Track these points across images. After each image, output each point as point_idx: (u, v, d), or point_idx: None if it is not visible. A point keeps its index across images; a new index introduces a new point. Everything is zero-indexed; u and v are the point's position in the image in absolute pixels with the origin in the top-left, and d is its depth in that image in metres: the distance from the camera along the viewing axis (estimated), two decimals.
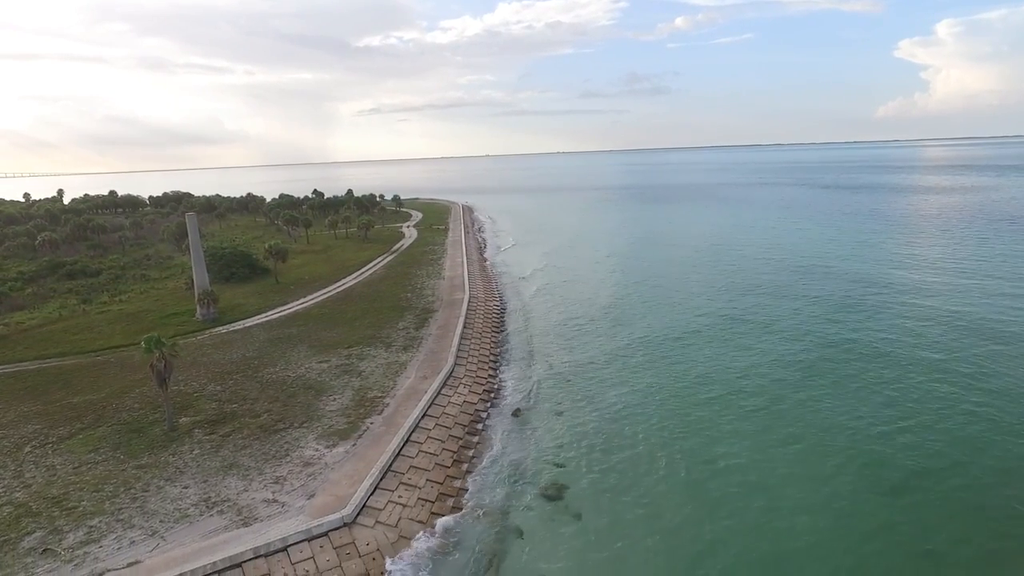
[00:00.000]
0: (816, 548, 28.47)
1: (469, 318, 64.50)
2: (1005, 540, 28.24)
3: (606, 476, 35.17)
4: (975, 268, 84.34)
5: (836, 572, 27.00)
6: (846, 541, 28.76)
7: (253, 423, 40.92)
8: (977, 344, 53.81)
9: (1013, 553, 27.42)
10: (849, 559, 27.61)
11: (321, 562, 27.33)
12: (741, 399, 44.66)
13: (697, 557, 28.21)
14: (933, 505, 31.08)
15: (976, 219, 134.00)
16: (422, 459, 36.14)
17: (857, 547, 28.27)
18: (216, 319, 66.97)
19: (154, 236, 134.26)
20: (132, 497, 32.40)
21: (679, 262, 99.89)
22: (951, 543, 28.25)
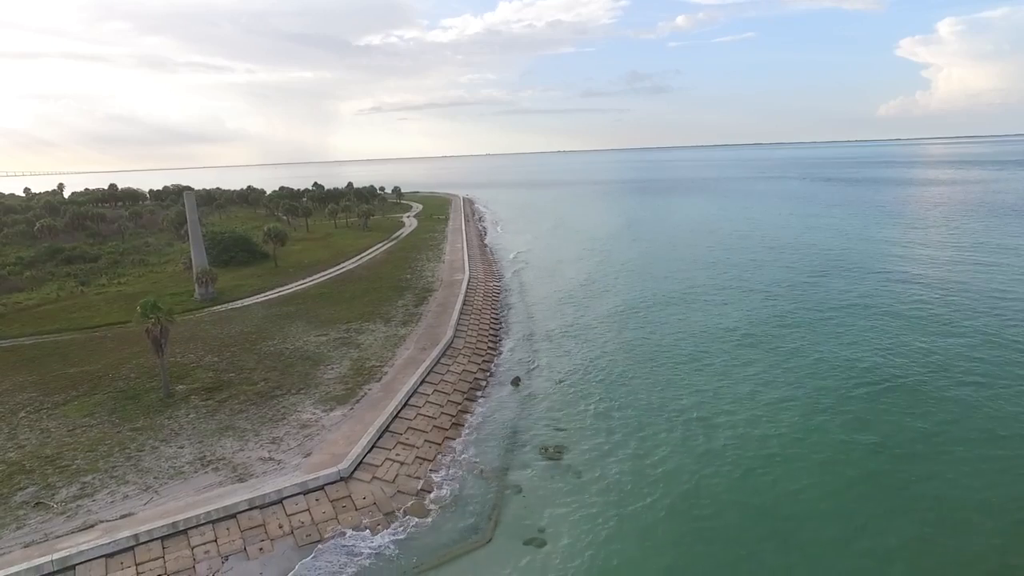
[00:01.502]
0: (808, 496, 28.37)
1: (469, 296, 64.08)
2: (992, 491, 27.86)
3: (606, 437, 34.74)
4: (973, 244, 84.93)
5: (823, 515, 26.97)
6: (834, 488, 29.10)
7: (250, 390, 40.53)
8: (977, 311, 54.63)
9: (1000, 504, 26.99)
10: (835, 503, 27.81)
11: (317, 514, 26.93)
12: (737, 363, 45.47)
13: (696, 509, 27.79)
14: (916, 457, 30.89)
15: (976, 206, 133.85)
16: (420, 421, 35.72)
17: (843, 492, 28.71)
18: (214, 298, 66.58)
19: (154, 226, 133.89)
20: (126, 456, 32.03)
21: (677, 244, 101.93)
22: (936, 492, 27.90)
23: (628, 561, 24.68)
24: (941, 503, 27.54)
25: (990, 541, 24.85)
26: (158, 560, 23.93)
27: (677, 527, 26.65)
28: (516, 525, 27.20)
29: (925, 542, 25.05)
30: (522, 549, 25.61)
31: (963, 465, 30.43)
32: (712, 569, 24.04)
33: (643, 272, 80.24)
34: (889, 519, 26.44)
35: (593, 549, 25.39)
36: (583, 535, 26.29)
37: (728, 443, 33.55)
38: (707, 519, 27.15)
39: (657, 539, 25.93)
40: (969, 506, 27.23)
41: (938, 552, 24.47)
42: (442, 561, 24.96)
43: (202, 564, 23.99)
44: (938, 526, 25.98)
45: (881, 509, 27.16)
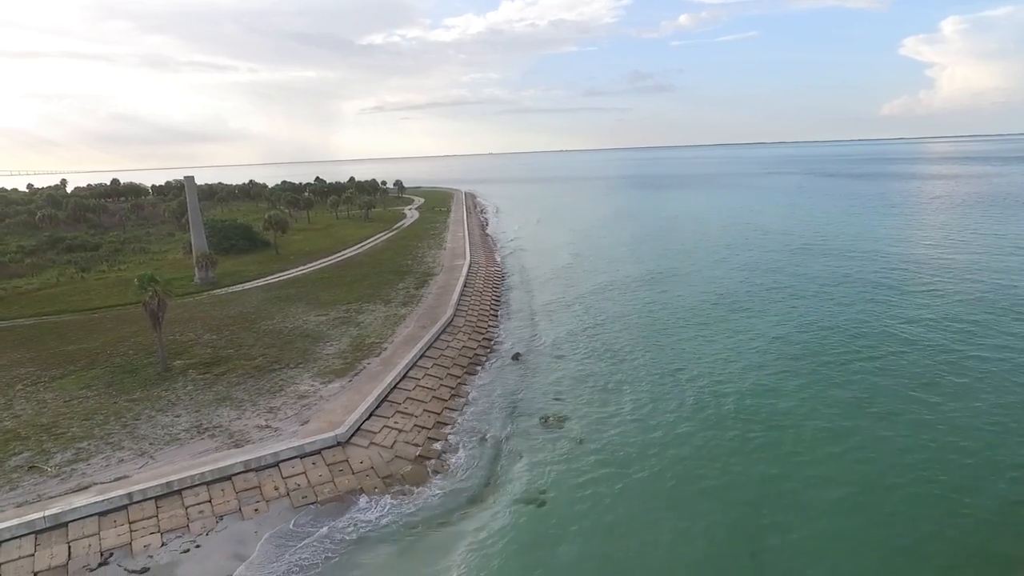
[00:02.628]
0: (810, 461, 27.96)
1: (469, 280, 63.70)
2: (994, 452, 27.33)
3: (607, 408, 34.34)
4: (976, 238, 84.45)
5: (825, 480, 26.57)
6: (836, 452, 28.74)
7: (248, 364, 40.18)
8: (985, 304, 53.34)
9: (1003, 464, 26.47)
10: (837, 467, 27.44)
11: (313, 477, 26.55)
12: (737, 335, 45.92)
13: (698, 473, 27.36)
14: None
15: (980, 198, 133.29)
16: (419, 392, 35.33)
17: (845, 455, 28.25)
18: (214, 283, 66.31)
19: (155, 218, 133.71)
20: (122, 424, 31.70)
21: (676, 232, 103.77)
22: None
23: (628, 521, 24.26)
24: (944, 466, 27.05)
25: (991, 502, 24.37)
26: (152, 519, 23.57)
27: (678, 491, 26.22)
28: (516, 488, 26.79)
29: (928, 501, 24.57)
30: (522, 510, 25.21)
31: (967, 431, 29.96)
32: (712, 530, 23.57)
33: (642, 255, 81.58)
34: (891, 481, 25.99)
35: (594, 510, 24.98)
36: (584, 498, 25.88)
37: (730, 411, 33.14)
38: (708, 483, 26.71)
39: (658, 501, 25.51)
40: (972, 466, 26.75)
41: (941, 509, 24.00)
42: (441, 522, 24.56)
43: (196, 523, 23.63)
44: (938, 486, 25.51)
45: (884, 472, 26.68)
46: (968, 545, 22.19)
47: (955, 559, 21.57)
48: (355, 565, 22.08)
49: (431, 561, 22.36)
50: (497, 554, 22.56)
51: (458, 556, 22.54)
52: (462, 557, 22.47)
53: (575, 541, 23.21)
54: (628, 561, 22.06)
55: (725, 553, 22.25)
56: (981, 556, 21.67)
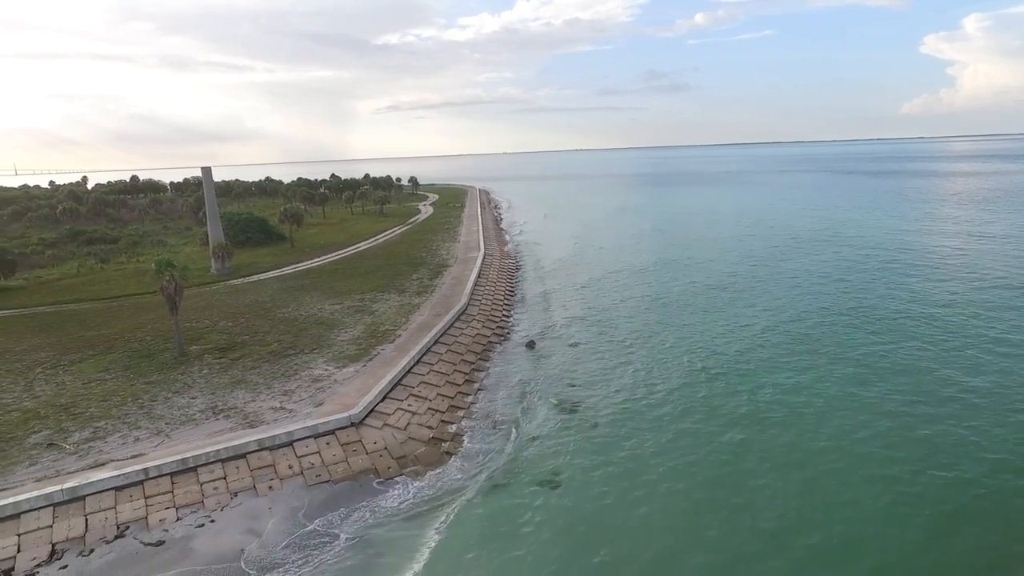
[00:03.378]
0: (824, 443, 27.48)
1: (484, 271, 63.59)
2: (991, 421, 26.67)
3: (621, 393, 34.02)
4: (996, 231, 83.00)
5: (840, 460, 26.10)
6: (848, 433, 28.34)
7: (263, 350, 40.37)
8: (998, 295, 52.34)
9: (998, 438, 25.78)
10: (850, 448, 26.83)
11: (327, 456, 26.54)
12: (751, 321, 45.88)
13: (712, 457, 26.99)
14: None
15: (1001, 193, 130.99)
16: (433, 377, 35.25)
17: (857, 435, 27.74)
18: (230, 273, 66.82)
19: (173, 213, 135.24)
20: (139, 406, 31.95)
21: (689, 227, 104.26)
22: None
23: (641, 502, 23.93)
24: (947, 441, 26.48)
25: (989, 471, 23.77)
26: (167, 494, 23.69)
27: (692, 473, 25.87)
28: (530, 470, 26.59)
29: (934, 478, 24.01)
30: (536, 491, 25.01)
31: (971, 411, 29.43)
32: (724, 512, 23.15)
33: (655, 246, 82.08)
34: (904, 462, 25.46)
35: (607, 492, 24.70)
36: (597, 479, 25.61)
37: (743, 396, 32.72)
38: (722, 466, 26.37)
39: (671, 484, 25.15)
40: (975, 443, 26.13)
41: (942, 483, 23.43)
42: (455, 502, 24.41)
43: (211, 499, 23.70)
44: (941, 457, 24.96)
45: (902, 457, 26.07)
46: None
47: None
48: (369, 542, 21.99)
49: (445, 540, 22.22)
50: (510, 534, 22.37)
51: (472, 536, 22.38)
52: (476, 537, 22.31)
53: (589, 522, 22.94)
54: (642, 543, 21.74)
55: (742, 534, 21.84)
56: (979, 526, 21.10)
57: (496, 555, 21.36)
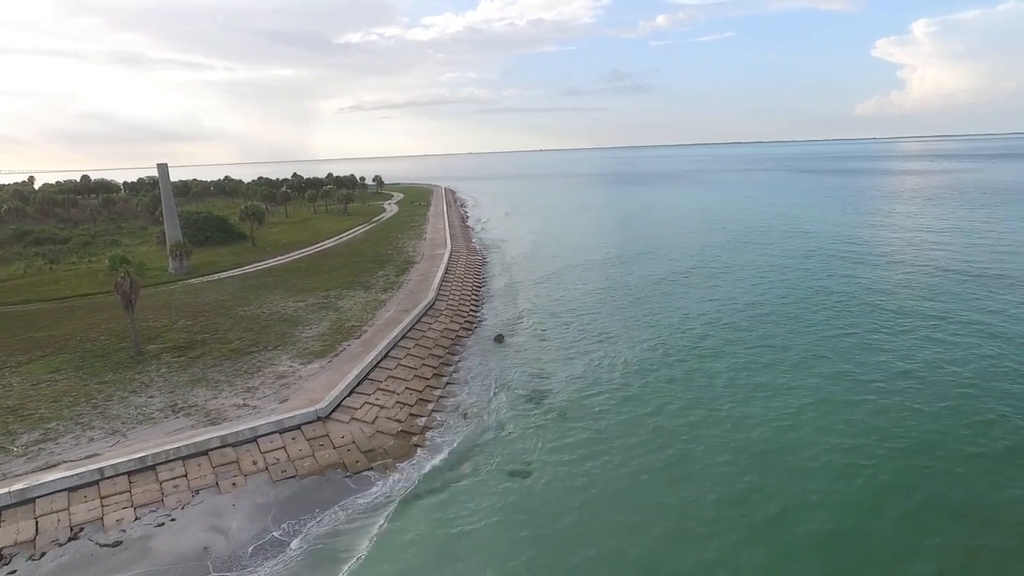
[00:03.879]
0: (792, 430, 27.96)
1: (450, 267, 63.22)
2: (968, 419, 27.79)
3: (591, 384, 34.17)
4: (943, 225, 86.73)
5: (808, 447, 26.61)
6: (816, 421, 28.92)
7: (224, 348, 39.26)
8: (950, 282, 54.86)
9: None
10: (820, 436, 27.24)
11: (293, 452, 25.94)
12: (708, 315, 46.90)
13: (679, 443, 27.30)
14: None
15: (947, 190, 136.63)
16: (401, 371, 34.82)
17: (827, 422, 28.23)
18: (189, 272, 64.89)
19: (128, 213, 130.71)
20: (93, 406, 30.69)
21: (651, 222, 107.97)
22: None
23: (612, 490, 24.05)
24: (892, 412, 27.45)
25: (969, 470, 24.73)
26: (124, 494, 22.79)
27: (661, 460, 26.09)
28: (500, 460, 26.48)
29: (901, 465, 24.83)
30: (506, 480, 24.91)
31: (914, 383, 30.86)
32: (691, 496, 23.40)
33: (622, 247, 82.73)
34: (875, 452, 26.13)
35: (578, 479, 24.75)
36: (568, 467, 25.65)
37: (710, 386, 33.24)
38: (686, 444, 26.97)
39: (641, 471, 25.31)
40: (917, 411, 27.15)
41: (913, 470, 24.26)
42: (425, 494, 24.12)
43: (171, 497, 22.90)
44: (887, 427, 25.86)
45: (871, 446, 26.74)
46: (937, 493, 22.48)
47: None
48: (336, 536, 21.54)
49: (417, 531, 21.92)
50: (482, 523, 22.21)
51: (443, 526, 22.14)
52: (447, 527, 22.07)
53: (561, 509, 22.92)
54: (614, 527, 21.83)
55: (713, 516, 22.12)
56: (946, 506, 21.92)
57: (468, 543, 21.16)
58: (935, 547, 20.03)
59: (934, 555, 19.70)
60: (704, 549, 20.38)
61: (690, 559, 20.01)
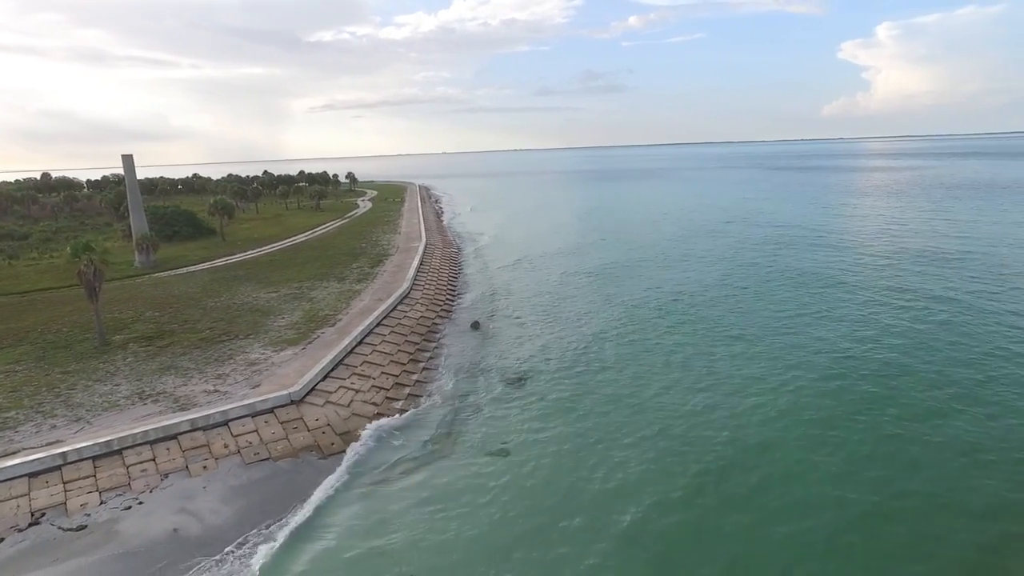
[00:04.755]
0: (766, 410, 28.17)
1: (426, 258, 62.73)
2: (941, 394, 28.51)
3: (568, 367, 34.14)
4: (906, 216, 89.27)
5: (782, 427, 26.81)
6: (789, 399, 29.21)
7: (194, 337, 38.30)
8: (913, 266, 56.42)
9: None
10: (790, 412, 27.79)
11: (266, 435, 25.36)
12: (683, 303, 47.48)
13: (657, 423, 27.38)
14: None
15: (908, 185, 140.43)
16: (377, 357, 34.34)
17: (797, 399, 28.79)
18: (156, 266, 63.22)
19: (91, 210, 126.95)
20: (55, 395, 29.62)
21: (621, 212, 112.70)
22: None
23: (590, 467, 23.99)
24: (855, 385, 28.14)
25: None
26: (88, 478, 22.00)
27: (638, 437, 26.13)
28: (478, 440, 26.27)
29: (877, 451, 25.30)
30: (484, 460, 24.69)
31: (915, 388, 31.21)
32: (672, 468, 23.52)
33: (594, 237, 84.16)
34: (854, 440, 26.26)
35: (556, 458, 24.66)
36: (545, 446, 25.54)
37: (686, 367, 33.46)
38: (663, 421, 27.17)
39: (620, 449, 25.29)
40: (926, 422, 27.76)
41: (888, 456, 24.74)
42: (403, 473, 23.79)
43: (138, 481, 22.18)
44: (848, 400, 26.43)
45: (849, 433, 26.95)
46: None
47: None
48: (313, 515, 21.09)
49: (394, 510, 21.58)
50: (461, 499, 21.97)
51: (421, 504, 21.82)
52: (424, 504, 21.76)
53: (539, 484, 22.81)
54: (594, 499, 21.78)
55: (689, 491, 22.20)
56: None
57: (445, 519, 20.89)
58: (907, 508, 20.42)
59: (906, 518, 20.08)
60: (685, 515, 20.47)
61: (672, 526, 20.04)
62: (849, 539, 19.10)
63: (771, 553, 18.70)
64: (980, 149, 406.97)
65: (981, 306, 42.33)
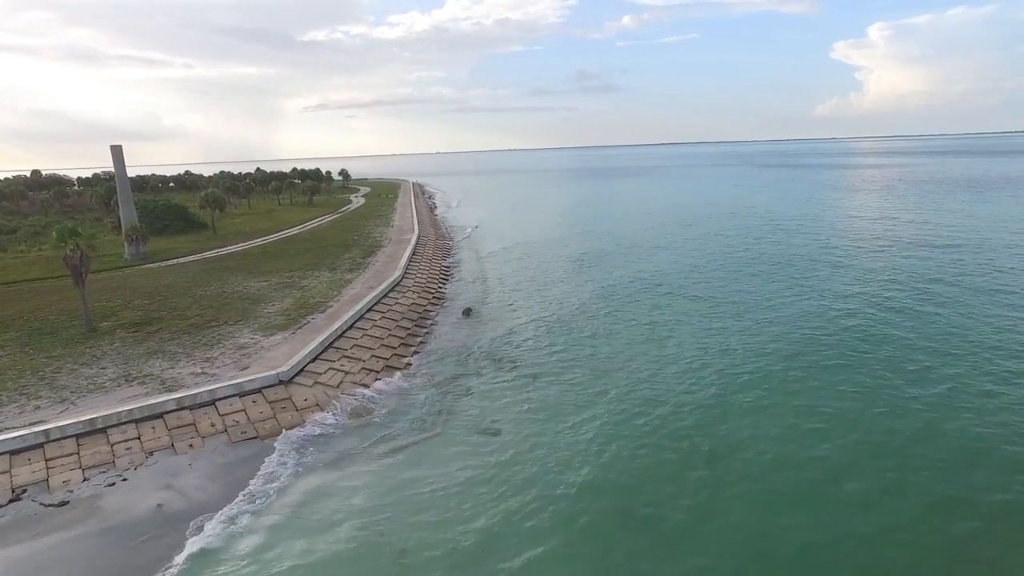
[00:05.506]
0: (755, 391, 27.98)
1: (418, 249, 62.47)
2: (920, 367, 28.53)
3: (559, 351, 33.91)
4: (895, 211, 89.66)
5: (770, 407, 26.59)
6: (779, 377, 29.23)
7: (183, 323, 37.90)
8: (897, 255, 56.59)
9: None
10: (780, 392, 27.65)
11: (253, 414, 25.05)
12: (678, 287, 48.19)
13: (649, 404, 27.17)
14: None
15: (898, 180, 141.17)
16: (367, 340, 34.05)
17: (789, 378, 28.68)
18: (145, 258, 62.68)
19: (82, 206, 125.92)
20: (40, 378, 29.21)
21: (614, 205, 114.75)
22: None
23: (582, 444, 23.78)
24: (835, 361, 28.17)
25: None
26: (71, 456, 21.65)
27: (631, 416, 25.95)
28: (468, 420, 26.02)
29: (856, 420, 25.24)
30: (474, 438, 24.44)
31: (893, 359, 31.28)
32: (658, 449, 23.28)
33: (587, 229, 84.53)
34: (834, 411, 26.39)
35: (548, 436, 24.41)
36: (537, 425, 25.31)
37: (676, 351, 33.32)
38: (656, 396, 27.13)
39: (612, 428, 25.08)
40: (893, 390, 27.71)
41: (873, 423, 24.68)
42: (391, 451, 23.52)
43: (123, 459, 21.84)
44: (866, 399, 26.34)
45: (827, 401, 27.04)
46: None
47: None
48: (300, 491, 20.81)
49: (384, 485, 21.30)
50: (451, 475, 21.70)
51: (411, 480, 21.55)
52: (415, 480, 21.49)
53: (530, 462, 22.54)
54: (585, 475, 21.56)
55: (682, 465, 22.04)
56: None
57: (434, 495, 20.63)
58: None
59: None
60: (676, 487, 20.32)
61: (664, 497, 19.87)
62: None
63: (760, 517, 18.56)
64: (970, 148, 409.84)
65: (967, 283, 43.39)
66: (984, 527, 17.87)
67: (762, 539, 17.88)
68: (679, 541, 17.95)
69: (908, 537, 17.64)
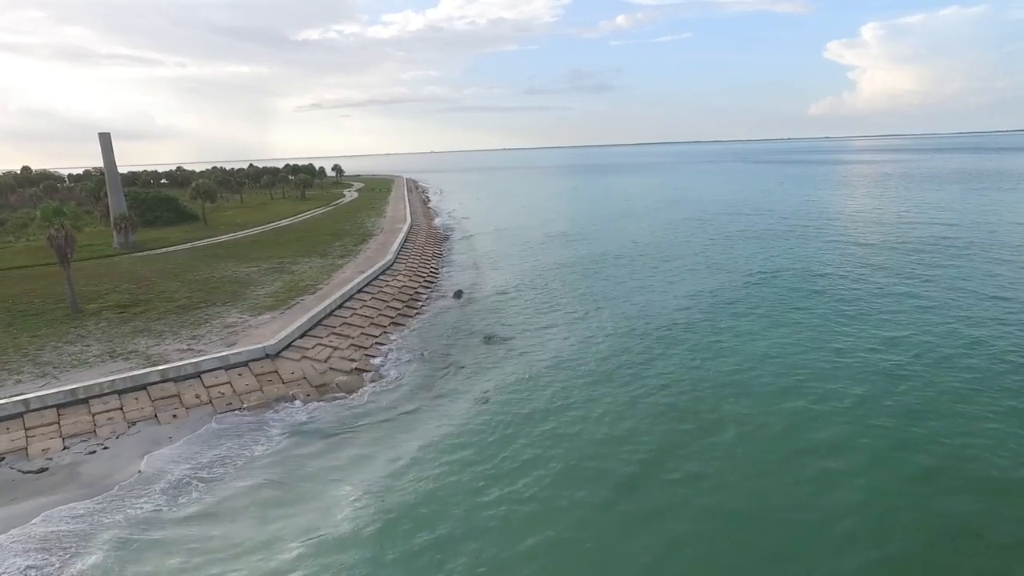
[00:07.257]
0: (744, 358, 27.97)
1: (410, 237, 62.14)
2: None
3: (549, 329, 33.73)
4: (887, 204, 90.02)
5: (765, 375, 26.44)
6: (765, 341, 29.07)
7: (170, 305, 37.45)
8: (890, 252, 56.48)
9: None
10: (768, 355, 27.34)
11: (239, 386, 24.70)
12: (669, 264, 50.04)
13: (639, 370, 27.06)
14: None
15: (889, 176, 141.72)
16: (357, 319, 33.74)
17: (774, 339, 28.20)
18: (135, 247, 62.05)
19: (71, 199, 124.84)
20: (22, 355, 28.74)
21: (608, 199, 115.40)
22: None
23: (566, 408, 23.59)
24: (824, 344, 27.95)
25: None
26: (51, 425, 21.27)
27: (622, 383, 25.79)
28: (458, 392, 25.75)
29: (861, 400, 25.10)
30: (464, 408, 24.16)
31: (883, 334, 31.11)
32: (646, 417, 23.06)
33: (575, 214, 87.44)
34: (834, 377, 26.39)
35: (538, 404, 24.19)
36: (527, 395, 25.07)
37: (667, 325, 33.21)
38: (643, 379, 26.63)
39: (603, 395, 24.90)
40: (897, 362, 27.58)
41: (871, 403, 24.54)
42: (381, 421, 23.21)
43: (104, 428, 21.47)
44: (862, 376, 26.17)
45: (827, 370, 27.04)
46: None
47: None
48: (284, 459, 20.48)
49: (372, 455, 20.99)
50: (440, 445, 21.41)
51: (399, 451, 21.25)
52: (403, 452, 21.19)
53: (519, 434, 22.25)
54: (579, 447, 21.31)
55: (668, 432, 21.82)
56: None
57: (425, 466, 20.34)
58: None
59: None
60: (662, 456, 20.10)
61: (650, 466, 19.65)
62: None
63: (755, 481, 18.36)
64: (962, 145, 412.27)
65: (957, 266, 42.91)
66: (984, 507, 17.52)
67: (752, 500, 17.67)
68: (667, 507, 17.71)
69: (909, 515, 17.43)
